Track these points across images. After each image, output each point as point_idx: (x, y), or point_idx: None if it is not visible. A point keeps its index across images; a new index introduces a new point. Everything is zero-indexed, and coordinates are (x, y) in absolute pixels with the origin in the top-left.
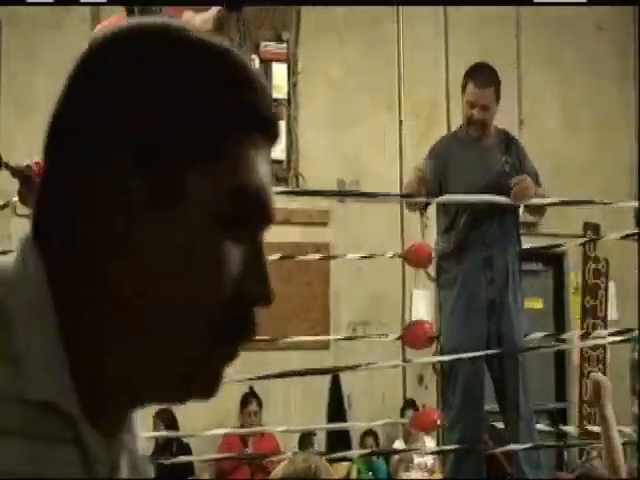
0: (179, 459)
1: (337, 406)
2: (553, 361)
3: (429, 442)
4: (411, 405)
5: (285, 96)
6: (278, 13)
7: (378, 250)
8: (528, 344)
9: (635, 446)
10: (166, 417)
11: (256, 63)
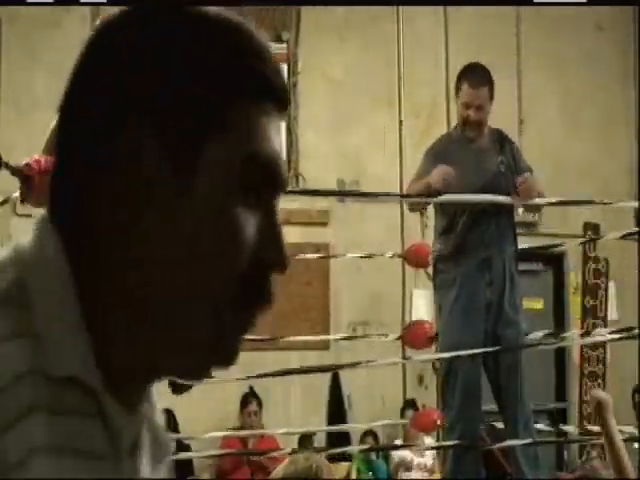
0: (179, 456)
1: (337, 406)
2: (553, 361)
3: (429, 442)
4: (411, 405)
5: None
6: (278, 13)
7: (378, 250)
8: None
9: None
10: (166, 417)
11: None
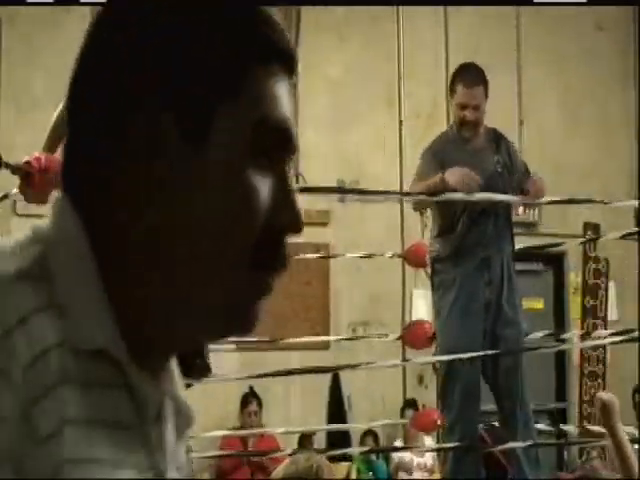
0: None
1: (337, 407)
2: (553, 361)
3: (429, 442)
4: (412, 405)
5: None
6: (278, 13)
7: (378, 250)
8: (528, 344)
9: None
10: None
11: None
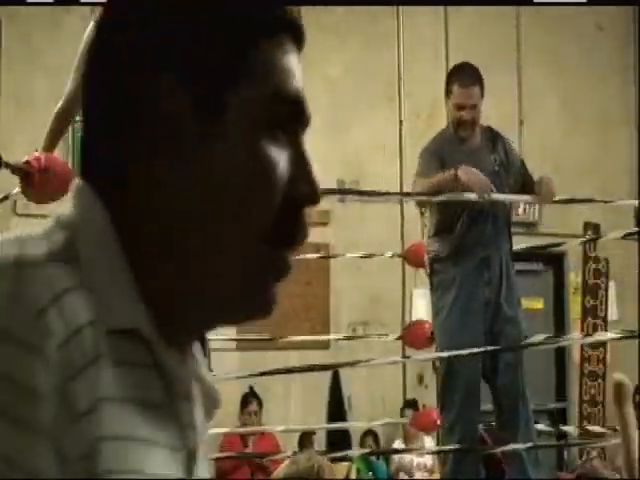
0: None
1: (337, 407)
2: (553, 361)
3: (429, 442)
4: (412, 405)
5: None
6: None
7: (378, 250)
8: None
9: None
10: None
11: None
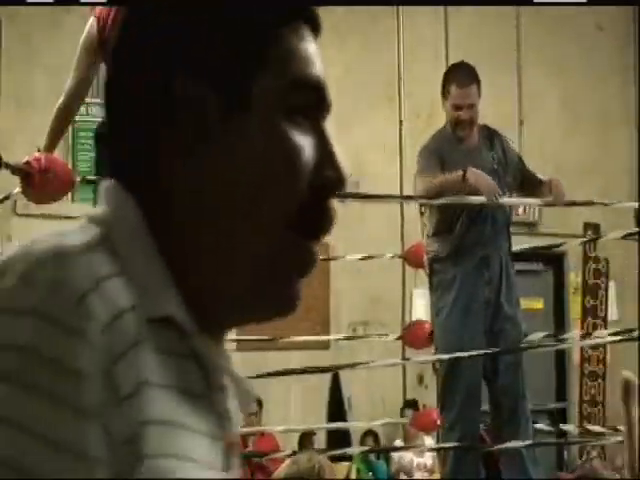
0: None
1: (337, 407)
2: (553, 361)
3: (429, 442)
4: (412, 405)
5: None
6: None
7: (378, 250)
8: (528, 344)
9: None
10: None
11: None
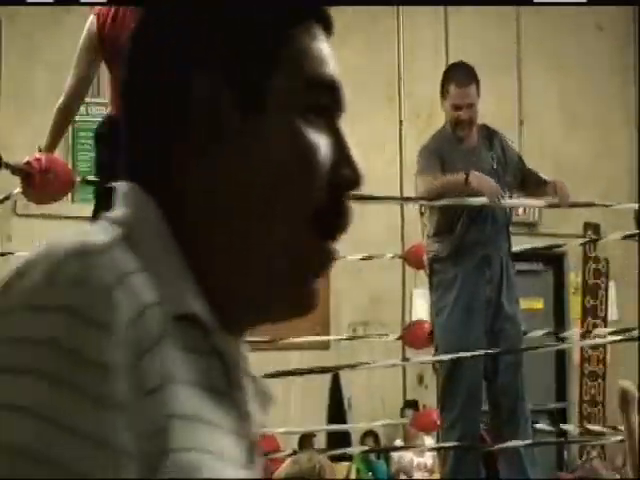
0: None
1: (337, 407)
2: (553, 361)
3: (429, 442)
4: (412, 405)
5: None
6: None
7: (378, 250)
8: (528, 343)
9: None
10: None
11: None
